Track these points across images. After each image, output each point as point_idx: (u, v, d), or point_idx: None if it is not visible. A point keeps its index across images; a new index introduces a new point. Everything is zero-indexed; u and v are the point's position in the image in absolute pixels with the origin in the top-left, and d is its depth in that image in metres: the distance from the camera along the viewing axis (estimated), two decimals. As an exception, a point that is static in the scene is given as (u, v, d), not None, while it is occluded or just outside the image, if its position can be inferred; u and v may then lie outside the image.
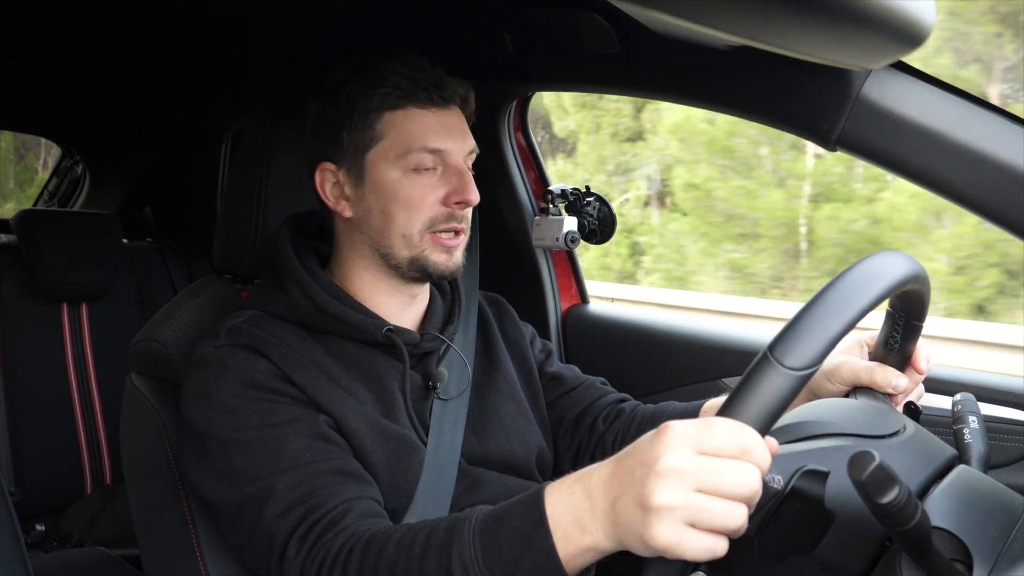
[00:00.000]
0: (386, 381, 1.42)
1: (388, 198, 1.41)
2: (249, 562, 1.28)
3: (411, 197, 1.40)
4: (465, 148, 1.45)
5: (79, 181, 3.40)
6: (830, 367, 1.33)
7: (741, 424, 0.86)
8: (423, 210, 1.41)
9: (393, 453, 1.36)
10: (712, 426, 0.87)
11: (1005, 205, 1.26)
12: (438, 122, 1.43)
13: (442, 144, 1.41)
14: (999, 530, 0.94)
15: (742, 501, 0.85)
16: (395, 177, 1.41)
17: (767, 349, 0.89)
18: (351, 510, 1.21)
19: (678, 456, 0.86)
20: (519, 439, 1.53)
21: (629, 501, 0.89)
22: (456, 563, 1.04)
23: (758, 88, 1.48)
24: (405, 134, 1.41)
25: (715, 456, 0.86)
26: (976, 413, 1.16)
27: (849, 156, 1.41)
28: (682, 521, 0.85)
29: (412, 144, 1.40)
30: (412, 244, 1.42)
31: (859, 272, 0.95)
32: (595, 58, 1.70)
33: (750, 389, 0.88)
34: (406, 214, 1.41)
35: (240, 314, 1.43)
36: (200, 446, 1.32)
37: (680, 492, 0.85)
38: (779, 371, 0.87)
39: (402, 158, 1.40)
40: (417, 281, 1.48)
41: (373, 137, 1.42)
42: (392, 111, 1.41)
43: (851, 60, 1.19)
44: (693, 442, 0.87)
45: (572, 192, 2.16)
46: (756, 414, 0.87)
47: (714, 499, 0.85)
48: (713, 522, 0.85)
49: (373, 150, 1.42)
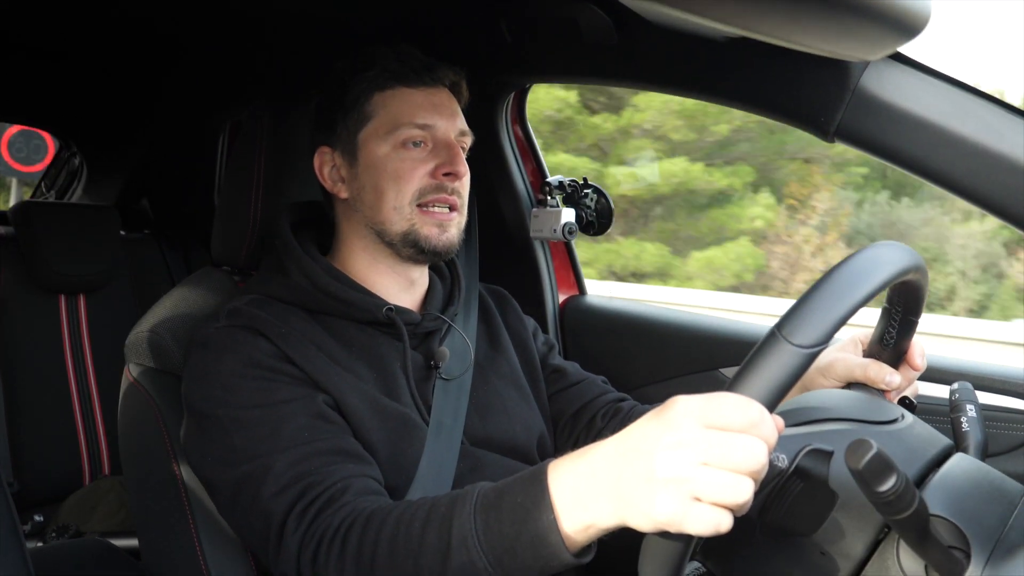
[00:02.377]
0: (387, 361, 1.44)
1: (379, 173, 1.44)
2: (248, 541, 1.29)
3: (400, 170, 1.43)
4: (455, 127, 1.48)
5: (76, 173, 3.39)
6: (825, 363, 1.34)
7: (749, 399, 0.86)
8: (412, 182, 1.43)
9: (393, 431, 1.37)
10: (720, 400, 0.87)
11: (1003, 196, 1.26)
12: (426, 99, 1.46)
13: (430, 120, 1.45)
14: (996, 518, 0.95)
15: (748, 475, 0.85)
16: (385, 152, 1.44)
17: (775, 327, 0.90)
18: (350, 487, 1.22)
19: (686, 429, 0.86)
20: (521, 423, 1.54)
21: (635, 474, 0.89)
22: (456, 537, 1.04)
23: (756, 80, 1.48)
24: (394, 111, 1.44)
25: (723, 430, 0.85)
26: (974, 402, 1.17)
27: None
28: (688, 494, 0.85)
29: (400, 120, 1.44)
30: (404, 217, 1.44)
31: (865, 257, 0.96)
32: (593, 50, 1.70)
33: (758, 365, 0.88)
34: (396, 187, 1.43)
35: (241, 297, 1.44)
36: (199, 426, 1.33)
37: (687, 465, 0.85)
38: (787, 348, 0.87)
39: (391, 134, 1.44)
40: (413, 261, 1.50)
41: (364, 117, 1.46)
42: (382, 91, 1.46)
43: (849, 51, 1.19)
44: (701, 415, 0.87)
45: (570, 184, 2.16)
46: (764, 389, 0.87)
47: (721, 472, 0.84)
48: (719, 496, 0.84)
49: (364, 129, 1.46)
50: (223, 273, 1.64)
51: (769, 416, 0.87)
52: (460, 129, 1.49)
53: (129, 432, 1.51)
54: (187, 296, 1.55)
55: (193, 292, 1.57)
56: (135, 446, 1.50)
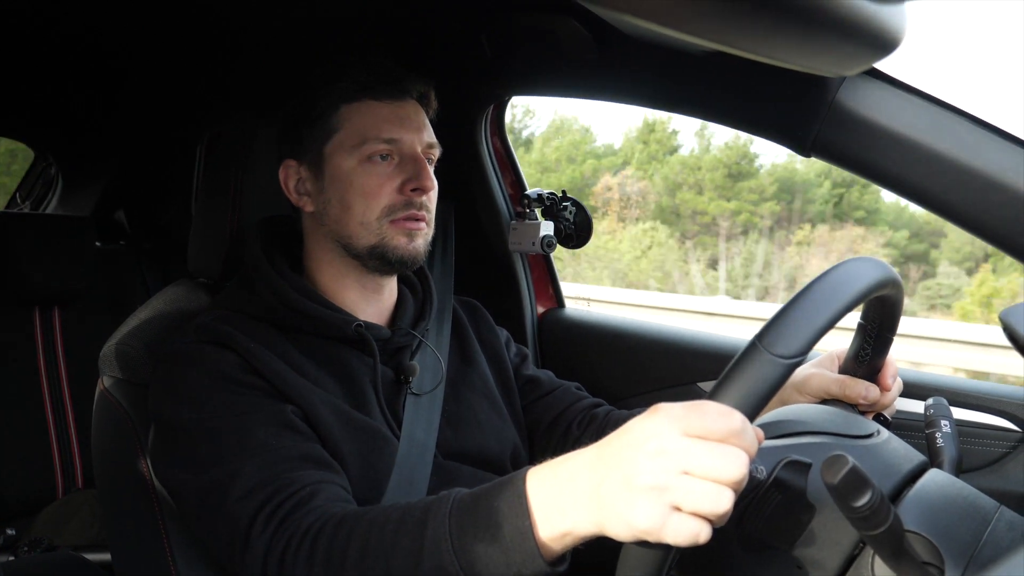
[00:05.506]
0: (357, 376, 1.43)
1: (345, 188, 1.43)
2: (215, 550, 1.26)
3: (367, 186, 1.42)
4: (422, 140, 1.47)
5: (52, 184, 3.37)
6: (800, 378, 1.34)
7: (730, 408, 0.86)
8: (380, 198, 1.42)
9: (363, 444, 1.36)
10: (702, 409, 0.87)
11: (978, 212, 1.26)
12: (393, 113, 1.45)
13: (396, 134, 1.44)
14: (971, 534, 0.95)
15: (729, 485, 0.84)
16: (351, 167, 1.43)
17: (755, 338, 0.90)
18: (319, 492, 1.20)
19: (667, 437, 0.86)
20: (494, 435, 1.54)
21: (615, 482, 0.88)
22: (429, 540, 1.03)
23: (734, 94, 1.49)
24: (360, 125, 1.43)
25: (704, 438, 0.85)
26: (948, 417, 1.17)
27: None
28: (668, 503, 0.85)
29: (367, 134, 1.43)
30: (371, 231, 1.43)
31: (843, 270, 0.97)
32: (572, 63, 1.70)
33: (739, 375, 0.89)
34: (363, 202, 1.42)
35: (210, 312, 1.44)
36: (166, 437, 1.32)
37: (667, 473, 0.85)
38: (768, 359, 0.88)
39: (357, 148, 1.43)
40: (379, 272, 1.49)
41: (330, 130, 1.45)
42: (348, 103, 1.45)
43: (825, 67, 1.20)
44: (683, 424, 0.86)
45: (549, 196, 2.16)
46: (745, 399, 0.87)
47: (701, 481, 0.84)
48: (699, 505, 0.84)
49: (330, 142, 1.45)
50: (199, 285, 1.63)
51: (750, 426, 0.87)
52: (427, 142, 1.48)
53: (102, 444, 1.50)
54: (162, 308, 1.54)
55: (168, 304, 1.56)
56: (109, 459, 1.49)
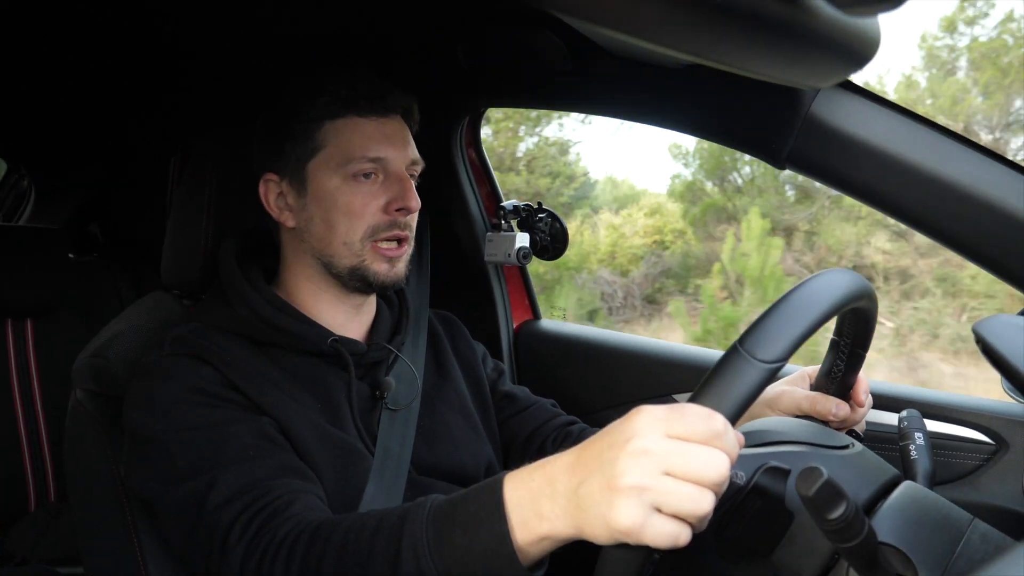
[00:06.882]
0: (332, 390, 1.42)
1: (329, 206, 1.42)
2: (191, 562, 1.24)
3: (351, 205, 1.41)
4: (406, 157, 1.46)
5: (25, 195, 3.34)
6: (772, 395, 1.35)
7: (712, 411, 0.87)
8: (364, 218, 1.42)
9: (338, 459, 1.35)
10: (684, 411, 0.87)
11: (950, 224, 1.27)
12: (378, 130, 1.44)
13: (382, 152, 1.42)
14: (945, 546, 0.95)
15: (710, 487, 0.85)
16: (336, 185, 1.42)
17: (737, 342, 0.91)
18: (297, 500, 1.20)
19: (649, 438, 0.86)
20: (468, 451, 1.54)
21: (595, 483, 0.88)
22: (407, 545, 1.02)
23: (708, 106, 1.49)
24: (345, 143, 1.42)
25: (685, 440, 0.85)
26: (922, 430, 1.18)
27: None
28: (648, 504, 0.85)
29: (352, 153, 1.41)
30: (354, 252, 1.42)
31: (823, 279, 0.99)
32: (547, 75, 1.71)
33: (721, 378, 0.89)
34: (347, 222, 1.41)
35: (185, 325, 1.42)
36: (141, 449, 1.30)
37: (649, 474, 0.85)
38: (750, 362, 0.89)
39: (342, 167, 1.41)
40: (360, 292, 1.48)
41: (314, 147, 1.43)
42: (333, 120, 1.43)
43: (800, 79, 1.20)
44: (664, 425, 0.86)
45: (524, 208, 2.16)
46: (726, 402, 0.88)
47: (682, 483, 0.84)
48: (680, 506, 0.84)
49: (314, 159, 1.43)
50: (173, 298, 1.62)
51: (732, 429, 0.87)
52: (411, 159, 1.47)
53: (76, 458, 1.49)
54: (136, 321, 1.53)
55: (142, 317, 1.55)
56: (82, 472, 1.48)
